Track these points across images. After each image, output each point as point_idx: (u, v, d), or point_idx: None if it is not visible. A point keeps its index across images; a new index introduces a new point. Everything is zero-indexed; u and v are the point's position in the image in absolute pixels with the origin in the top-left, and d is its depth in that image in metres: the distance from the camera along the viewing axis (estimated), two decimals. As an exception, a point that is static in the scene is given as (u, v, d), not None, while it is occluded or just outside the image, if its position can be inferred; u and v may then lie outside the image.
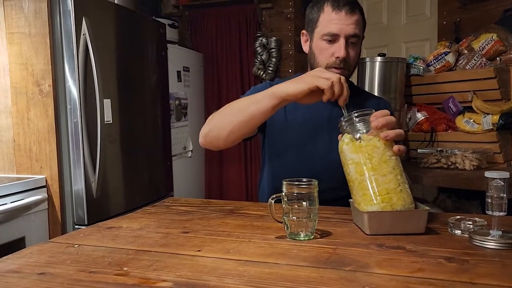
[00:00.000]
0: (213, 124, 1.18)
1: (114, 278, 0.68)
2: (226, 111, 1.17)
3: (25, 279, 0.69)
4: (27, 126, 1.95)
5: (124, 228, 0.99)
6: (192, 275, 0.69)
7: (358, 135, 0.94)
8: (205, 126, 1.20)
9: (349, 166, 0.94)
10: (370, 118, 0.94)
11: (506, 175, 0.82)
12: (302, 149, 1.29)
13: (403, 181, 0.92)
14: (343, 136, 0.97)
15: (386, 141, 0.92)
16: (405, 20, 3.25)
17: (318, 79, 1.00)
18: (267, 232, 0.93)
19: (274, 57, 3.41)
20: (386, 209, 0.88)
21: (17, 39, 1.94)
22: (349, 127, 0.97)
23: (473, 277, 0.66)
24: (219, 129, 1.16)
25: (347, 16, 1.19)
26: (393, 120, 0.94)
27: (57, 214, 1.94)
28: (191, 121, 3.29)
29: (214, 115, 1.20)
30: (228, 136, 1.15)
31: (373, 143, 0.92)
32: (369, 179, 0.90)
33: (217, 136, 1.17)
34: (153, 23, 2.61)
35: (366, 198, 0.90)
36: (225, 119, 1.15)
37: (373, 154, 0.91)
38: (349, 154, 0.94)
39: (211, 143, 1.20)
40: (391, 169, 0.91)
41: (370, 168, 0.91)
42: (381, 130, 0.92)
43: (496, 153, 2.06)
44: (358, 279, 0.66)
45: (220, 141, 1.17)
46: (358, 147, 0.93)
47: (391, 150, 0.92)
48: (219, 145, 1.19)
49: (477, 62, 2.17)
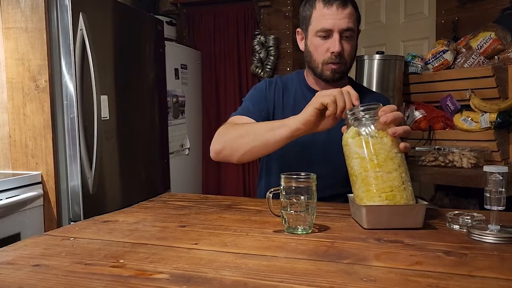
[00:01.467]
0: (226, 143, 1.18)
1: (110, 270, 0.67)
2: (239, 132, 1.16)
3: (19, 270, 0.68)
4: (23, 122, 1.93)
5: (121, 222, 0.98)
6: (189, 267, 0.68)
7: (365, 129, 0.92)
8: (216, 142, 1.20)
9: (354, 160, 0.92)
10: (379, 113, 0.92)
11: (505, 169, 0.82)
12: (301, 146, 1.28)
13: (407, 179, 0.90)
14: (348, 129, 0.95)
15: (393, 138, 0.90)
16: (404, 19, 3.25)
17: (322, 97, 0.99)
18: (265, 226, 0.92)
19: (272, 55, 3.41)
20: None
21: (13, 34, 1.92)
22: (355, 120, 0.94)
23: (472, 270, 0.66)
24: (232, 149, 1.16)
25: (339, 10, 1.19)
26: (401, 116, 0.93)
27: (53, 210, 1.93)
28: (189, 119, 3.28)
29: (226, 132, 1.19)
30: (242, 157, 1.16)
31: (380, 139, 0.90)
32: (374, 176, 0.89)
33: (230, 156, 1.18)
34: (151, 19, 2.60)
35: (369, 194, 0.90)
36: (239, 141, 1.15)
37: (379, 150, 0.89)
38: (355, 148, 0.92)
39: (223, 160, 1.22)
40: (396, 167, 0.89)
41: (376, 165, 0.89)
42: (389, 126, 0.91)
43: (493, 151, 2.06)
44: (356, 271, 0.66)
45: (234, 160, 1.19)
46: (364, 142, 0.91)
47: (398, 147, 0.90)
48: (233, 162, 1.21)
49: (475, 60, 2.17)
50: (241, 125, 1.19)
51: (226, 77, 3.52)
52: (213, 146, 1.20)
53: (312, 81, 1.33)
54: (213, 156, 1.22)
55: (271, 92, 1.33)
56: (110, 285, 0.62)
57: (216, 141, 1.20)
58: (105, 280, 0.63)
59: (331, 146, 1.27)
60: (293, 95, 1.33)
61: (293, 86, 1.34)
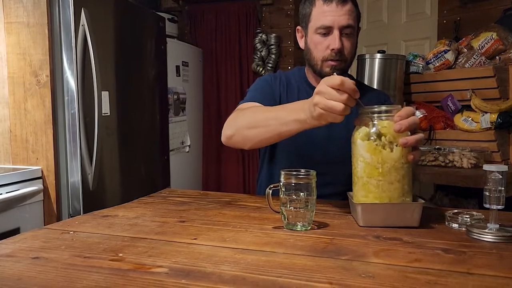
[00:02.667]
0: (237, 130, 1.16)
1: (109, 264, 0.67)
2: (251, 122, 1.14)
3: (19, 263, 0.68)
4: (24, 117, 1.93)
5: (120, 216, 0.98)
6: (188, 261, 0.68)
7: (375, 134, 0.88)
8: (227, 127, 1.19)
9: (359, 162, 0.91)
10: (394, 118, 0.88)
11: (504, 168, 0.82)
12: (301, 144, 1.28)
13: (408, 190, 0.89)
14: (360, 126, 0.92)
15: (403, 148, 0.88)
16: (405, 18, 3.24)
17: (330, 115, 0.88)
18: (264, 223, 0.92)
19: (274, 53, 3.41)
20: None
21: (15, 29, 1.92)
22: (368, 119, 0.91)
23: (470, 267, 0.66)
24: (244, 139, 1.15)
25: (339, 7, 1.18)
26: (416, 122, 0.89)
27: (53, 205, 1.93)
28: (189, 116, 3.28)
29: (237, 118, 1.18)
30: (254, 146, 1.17)
31: (389, 148, 0.87)
32: (376, 184, 0.88)
33: (241, 143, 1.17)
34: (153, 16, 2.60)
35: (367, 200, 0.90)
36: (252, 132, 1.13)
37: (386, 159, 0.87)
38: (362, 151, 0.89)
39: (234, 145, 1.21)
40: (400, 178, 0.88)
41: (379, 173, 0.88)
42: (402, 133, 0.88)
43: (493, 151, 2.06)
44: (354, 267, 0.66)
45: (245, 147, 1.19)
46: (373, 148, 0.88)
47: (406, 157, 0.88)
48: (244, 148, 1.21)
49: (476, 60, 2.17)
50: (252, 111, 1.17)
51: (227, 75, 3.52)
52: (225, 131, 1.20)
53: (312, 79, 1.33)
54: (224, 140, 1.21)
55: (277, 85, 1.33)
56: (109, 278, 0.62)
57: (228, 126, 1.19)
58: (104, 273, 0.63)
59: (331, 145, 1.27)
60: (296, 91, 1.33)
61: (295, 83, 1.35)
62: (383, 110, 0.90)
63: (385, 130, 0.89)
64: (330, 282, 0.60)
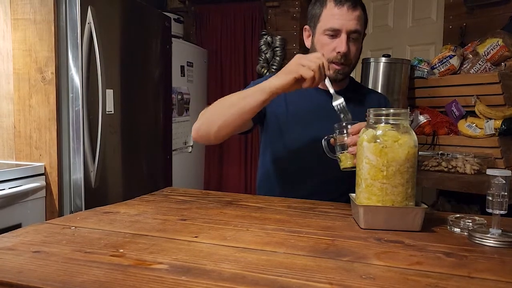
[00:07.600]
0: (204, 119, 1.18)
1: (109, 259, 0.67)
2: (217, 107, 1.16)
3: (20, 256, 0.68)
4: (28, 113, 1.94)
5: (122, 213, 0.98)
6: (189, 259, 0.68)
7: (382, 136, 0.88)
8: (197, 121, 1.20)
9: (364, 164, 0.90)
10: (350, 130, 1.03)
11: (508, 173, 0.82)
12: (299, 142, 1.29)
13: (412, 194, 0.89)
14: (366, 128, 0.92)
15: (409, 150, 0.88)
16: (411, 23, 3.24)
17: (302, 68, 1.02)
18: (265, 223, 0.92)
19: (279, 55, 3.41)
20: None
21: (21, 25, 1.93)
22: (374, 122, 0.91)
23: (472, 271, 0.66)
24: (209, 124, 1.15)
25: (349, 12, 1.19)
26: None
27: (55, 202, 1.93)
28: (193, 116, 3.28)
29: (206, 110, 1.20)
30: (218, 131, 1.14)
31: (396, 153, 0.87)
32: (379, 187, 0.88)
33: (207, 131, 1.16)
34: (159, 16, 2.61)
35: (370, 203, 0.89)
36: (215, 115, 1.15)
37: (392, 162, 0.87)
38: (368, 153, 0.89)
39: (202, 138, 1.20)
40: (404, 181, 0.88)
41: (384, 176, 0.88)
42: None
43: (497, 158, 2.05)
44: (355, 269, 0.66)
45: (211, 136, 1.17)
46: (379, 151, 0.88)
47: (411, 161, 0.88)
48: (210, 139, 1.19)
49: (481, 66, 2.17)
50: (218, 100, 1.18)
51: (232, 76, 3.52)
52: (194, 125, 1.20)
53: None
54: (193, 135, 1.21)
55: None
56: (109, 273, 0.62)
57: (197, 121, 1.20)
58: (104, 268, 0.63)
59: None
60: (297, 92, 1.33)
61: None
62: (392, 113, 0.91)
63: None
64: (330, 283, 0.60)
